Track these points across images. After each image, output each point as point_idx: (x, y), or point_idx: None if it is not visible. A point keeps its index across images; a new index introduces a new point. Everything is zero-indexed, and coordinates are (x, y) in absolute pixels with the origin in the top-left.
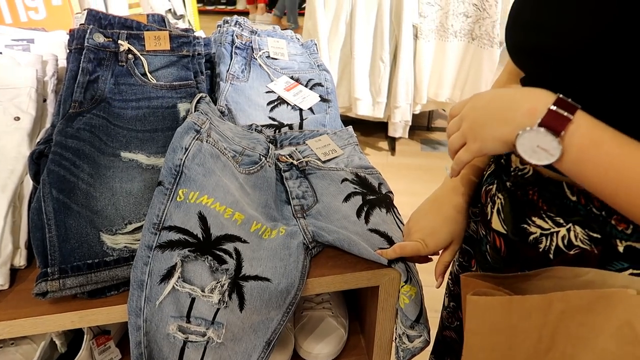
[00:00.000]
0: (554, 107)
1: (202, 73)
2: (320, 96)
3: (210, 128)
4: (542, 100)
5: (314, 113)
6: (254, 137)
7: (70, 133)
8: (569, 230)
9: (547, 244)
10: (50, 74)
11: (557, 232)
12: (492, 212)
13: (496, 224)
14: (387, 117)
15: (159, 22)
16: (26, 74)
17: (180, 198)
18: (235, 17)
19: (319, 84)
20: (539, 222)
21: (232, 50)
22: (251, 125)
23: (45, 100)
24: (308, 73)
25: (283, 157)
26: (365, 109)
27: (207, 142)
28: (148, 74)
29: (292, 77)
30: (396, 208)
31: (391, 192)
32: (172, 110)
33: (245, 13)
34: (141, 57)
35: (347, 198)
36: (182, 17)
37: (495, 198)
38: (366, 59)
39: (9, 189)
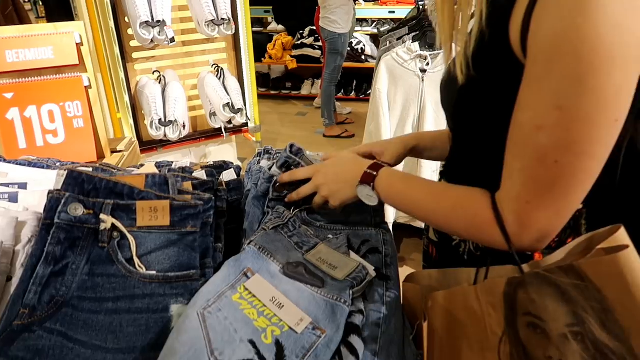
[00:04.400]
0: (367, 170)
1: (220, 240)
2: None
3: None
4: (364, 166)
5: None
6: None
7: None
8: None
9: (464, 247)
10: (25, 240)
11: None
12: (429, 227)
13: (431, 234)
14: None
15: (161, 184)
16: None
17: None
18: (264, 150)
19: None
20: None
21: (265, 204)
22: None
23: (10, 279)
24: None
25: None
26: None
27: None
28: (136, 259)
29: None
30: None
31: None
32: (161, 315)
33: (310, 98)
34: (129, 236)
35: None
36: (239, 111)
37: None
38: (436, 166)
39: None
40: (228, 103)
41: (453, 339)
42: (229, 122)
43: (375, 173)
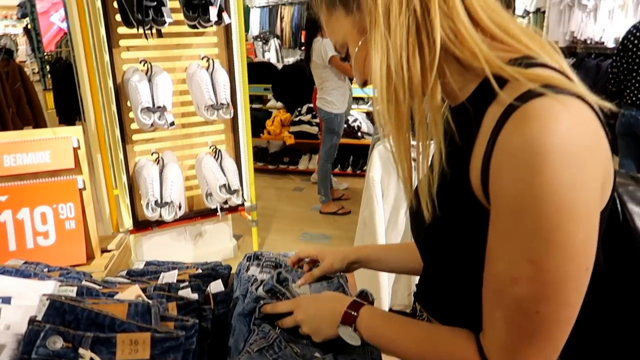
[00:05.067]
0: (347, 310)
1: None
2: None
3: None
4: (345, 304)
5: None
6: None
7: None
8: None
9: None
10: None
11: None
12: None
13: None
14: None
15: (143, 314)
16: None
17: None
18: (253, 255)
19: None
20: None
21: (251, 321)
22: None
23: None
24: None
25: None
26: None
27: None
28: None
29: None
30: None
31: None
32: None
33: (307, 173)
34: None
35: None
36: (236, 192)
37: None
38: None
39: None
40: (225, 184)
41: None
42: (225, 202)
43: (355, 314)
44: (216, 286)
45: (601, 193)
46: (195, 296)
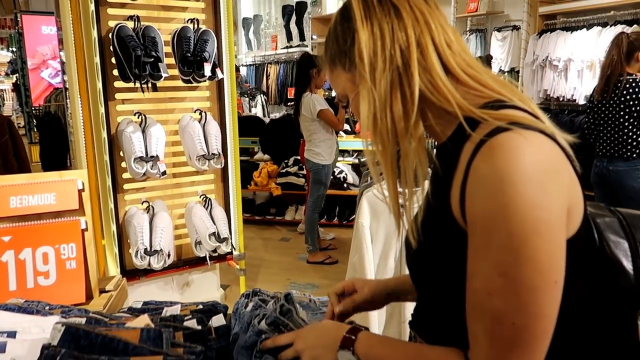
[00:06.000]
0: (346, 334)
1: None
2: None
3: None
4: (344, 330)
5: None
6: None
7: None
8: None
9: None
10: None
11: None
12: None
13: None
14: None
15: (155, 339)
16: None
17: None
18: (252, 292)
19: None
20: None
21: (253, 354)
22: None
23: None
24: None
25: None
26: None
27: None
28: None
29: None
30: None
31: None
32: None
33: (294, 223)
34: None
35: None
36: (225, 240)
37: None
38: None
39: None
40: (214, 232)
41: None
42: (214, 250)
43: (354, 337)
44: (217, 320)
45: (569, 217)
46: (200, 327)
